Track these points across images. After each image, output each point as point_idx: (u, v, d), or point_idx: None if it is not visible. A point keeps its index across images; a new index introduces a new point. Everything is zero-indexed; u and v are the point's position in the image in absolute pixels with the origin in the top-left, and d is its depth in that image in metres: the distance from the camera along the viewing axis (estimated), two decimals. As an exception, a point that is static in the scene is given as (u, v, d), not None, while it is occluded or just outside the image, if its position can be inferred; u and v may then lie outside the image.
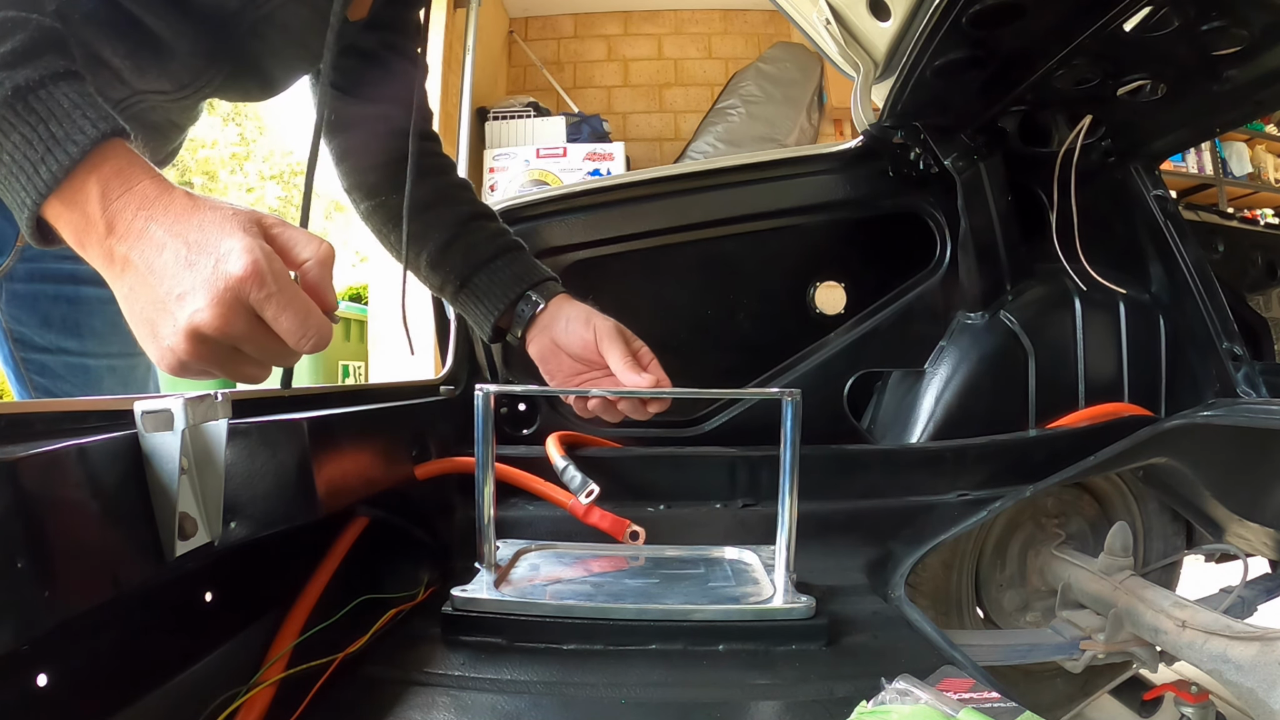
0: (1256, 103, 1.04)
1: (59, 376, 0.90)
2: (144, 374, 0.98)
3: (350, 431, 0.65)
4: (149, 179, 0.46)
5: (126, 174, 0.46)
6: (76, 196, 0.45)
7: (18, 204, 0.45)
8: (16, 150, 0.44)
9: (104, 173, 0.45)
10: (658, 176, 1.20)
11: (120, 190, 0.45)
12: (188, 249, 0.44)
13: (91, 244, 0.46)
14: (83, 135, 0.45)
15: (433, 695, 0.57)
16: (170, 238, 0.45)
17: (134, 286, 0.46)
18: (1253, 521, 0.82)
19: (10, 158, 0.44)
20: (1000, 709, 0.51)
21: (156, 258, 0.45)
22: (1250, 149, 4.02)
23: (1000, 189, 1.13)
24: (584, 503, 0.82)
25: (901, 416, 1.14)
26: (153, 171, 0.47)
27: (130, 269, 0.46)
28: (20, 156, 0.44)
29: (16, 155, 0.44)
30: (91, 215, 0.45)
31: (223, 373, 0.48)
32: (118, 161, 0.46)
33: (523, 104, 3.58)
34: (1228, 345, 1.11)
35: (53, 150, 0.44)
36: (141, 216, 0.45)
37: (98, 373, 0.92)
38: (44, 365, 0.89)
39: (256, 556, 0.60)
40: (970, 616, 0.98)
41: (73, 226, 0.46)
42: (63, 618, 0.36)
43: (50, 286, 0.87)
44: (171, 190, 0.47)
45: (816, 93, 3.51)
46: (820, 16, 1.12)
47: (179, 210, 0.46)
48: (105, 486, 0.41)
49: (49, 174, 0.44)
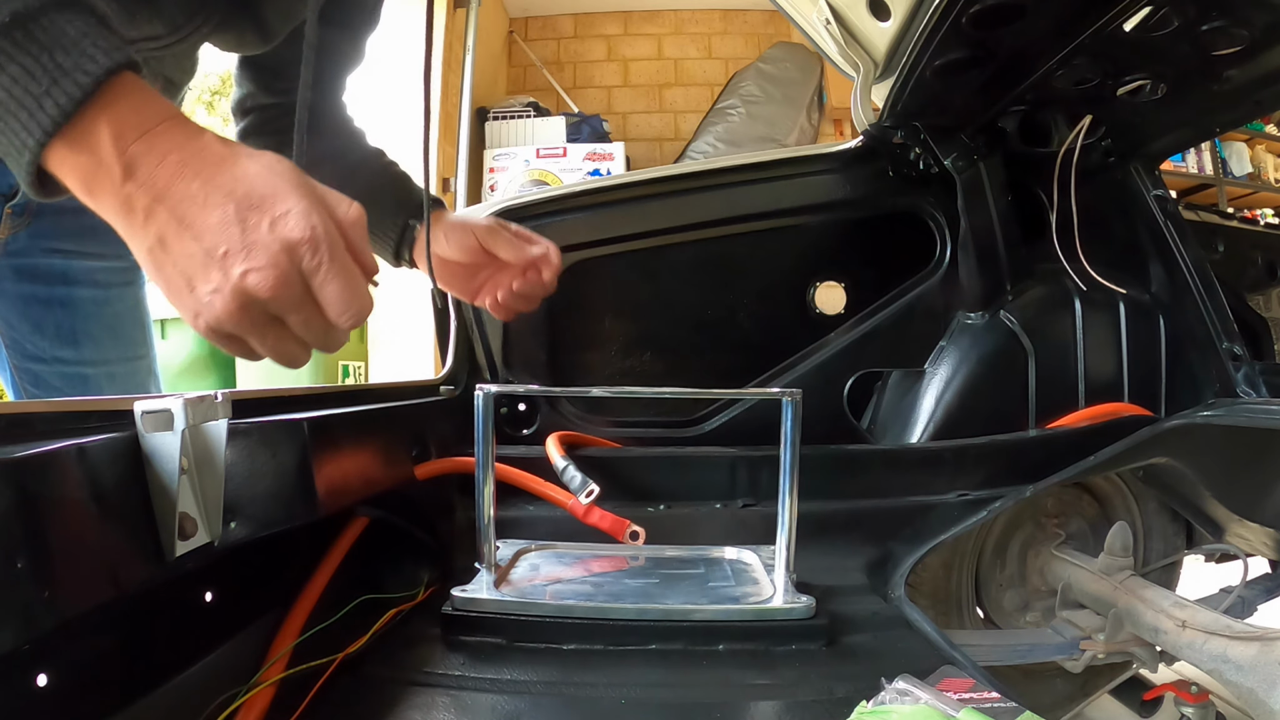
0: (1256, 103, 1.04)
1: (54, 389, 0.85)
2: (145, 377, 0.95)
3: (350, 431, 0.65)
4: (171, 118, 0.42)
5: (144, 112, 0.41)
6: (86, 138, 0.40)
7: (17, 146, 0.40)
8: (15, 84, 0.39)
9: (118, 110, 0.40)
10: (658, 176, 1.19)
11: (138, 131, 0.41)
12: (236, 205, 0.41)
13: (104, 191, 0.41)
14: (94, 65, 0.39)
15: (433, 695, 0.57)
16: (212, 190, 0.41)
17: (165, 240, 0.41)
18: (1253, 521, 0.82)
19: (7, 93, 0.39)
20: (1000, 709, 0.51)
21: (197, 212, 0.41)
22: (1250, 149, 4.02)
23: (1000, 189, 1.13)
24: (584, 503, 0.82)
25: (901, 416, 1.14)
26: (173, 109, 0.42)
27: (157, 221, 0.41)
28: (20, 91, 0.39)
29: (15, 90, 0.39)
30: (104, 159, 0.40)
31: (259, 344, 0.44)
32: (133, 98, 0.41)
33: (523, 104, 3.58)
34: (1228, 345, 1.11)
35: (59, 82, 0.39)
36: (170, 164, 0.41)
37: (96, 381, 0.88)
38: (38, 376, 0.85)
39: (256, 556, 0.60)
40: (970, 616, 0.98)
41: (80, 171, 0.41)
42: (63, 618, 0.36)
43: (41, 289, 0.82)
44: (201, 133, 0.43)
45: (816, 93, 3.51)
46: (820, 16, 1.12)
47: (215, 158, 0.42)
48: (105, 486, 0.41)
49: (55, 109, 0.39)
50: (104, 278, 0.86)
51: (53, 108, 0.39)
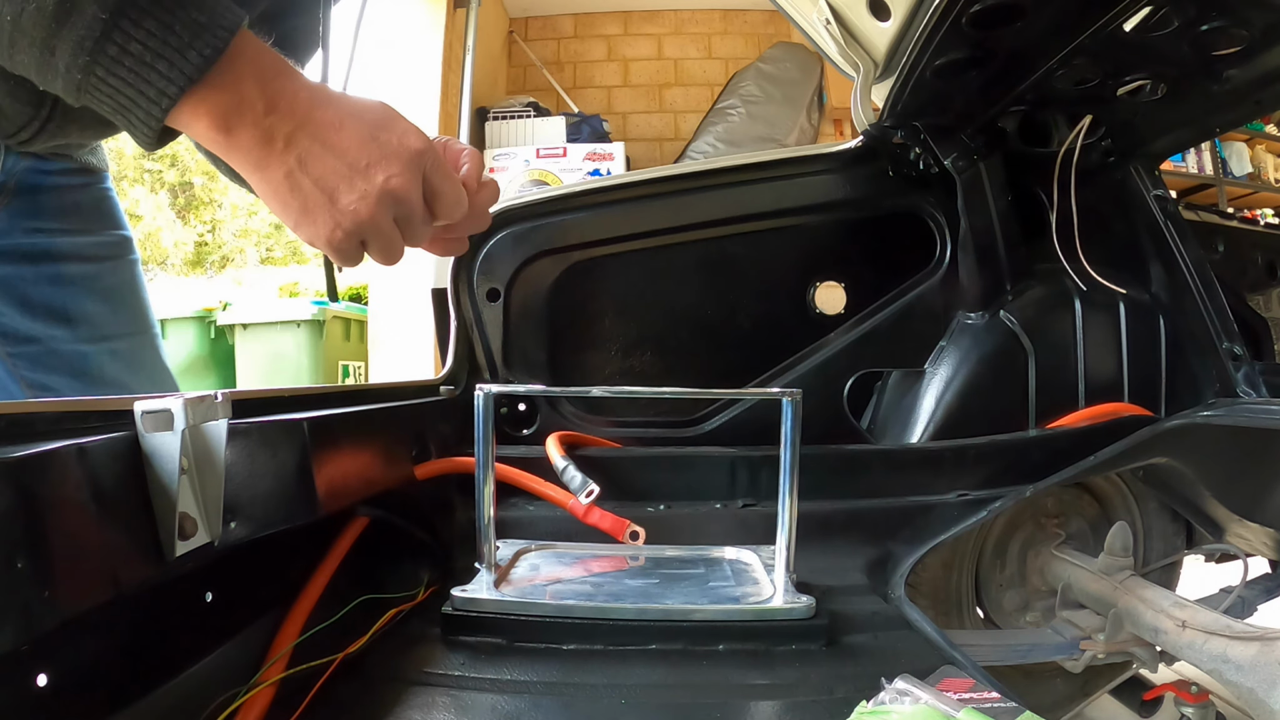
0: (1256, 103, 1.04)
1: (52, 369, 0.81)
2: (151, 353, 0.90)
3: (350, 431, 0.65)
4: (288, 64, 0.49)
5: (271, 57, 0.48)
6: (230, 80, 0.45)
7: (151, 95, 0.43)
8: (152, 37, 0.42)
9: (252, 55, 0.46)
10: (658, 176, 1.19)
11: (274, 72, 0.47)
12: (369, 127, 0.49)
13: (244, 125, 0.46)
14: (230, 17, 0.45)
15: (433, 695, 0.57)
16: (347, 117, 0.49)
17: (305, 161, 0.48)
18: (1253, 521, 0.82)
19: (143, 46, 0.42)
20: (1000, 709, 0.51)
21: (335, 135, 0.48)
22: (1250, 149, 4.03)
23: (1000, 189, 1.13)
24: (584, 503, 0.82)
25: (901, 416, 1.14)
26: (281, 57, 0.49)
27: (298, 146, 0.48)
28: (158, 44, 0.42)
29: (152, 43, 0.42)
30: (248, 95, 0.46)
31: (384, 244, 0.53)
32: (258, 47, 0.47)
33: (523, 104, 3.58)
34: (1228, 345, 1.11)
35: (201, 35, 0.43)
36: (304, 98, 0.48)
37: (98, 360, 0.84)
38: (35, 359, 0.81)
39: (256, 556, 0.60)
40: (970, 616, 0.98)
41: (220, 110, 0.46)
42: (63, 618, 0.36)
43: (27, 268, 0.79)
44: (308, 78, 0.50)
45: (816, 93, 3.51)
46: (820, 16, 1.12)
47: (336, 95, 0.50)
48: (105, 486, 0.41)
49: (199, 58, 0.43)
50: (92, 251, 0.84)
51: (196, 57, 0.43)
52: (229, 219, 7.77)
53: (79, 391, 0.82)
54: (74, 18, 0.41)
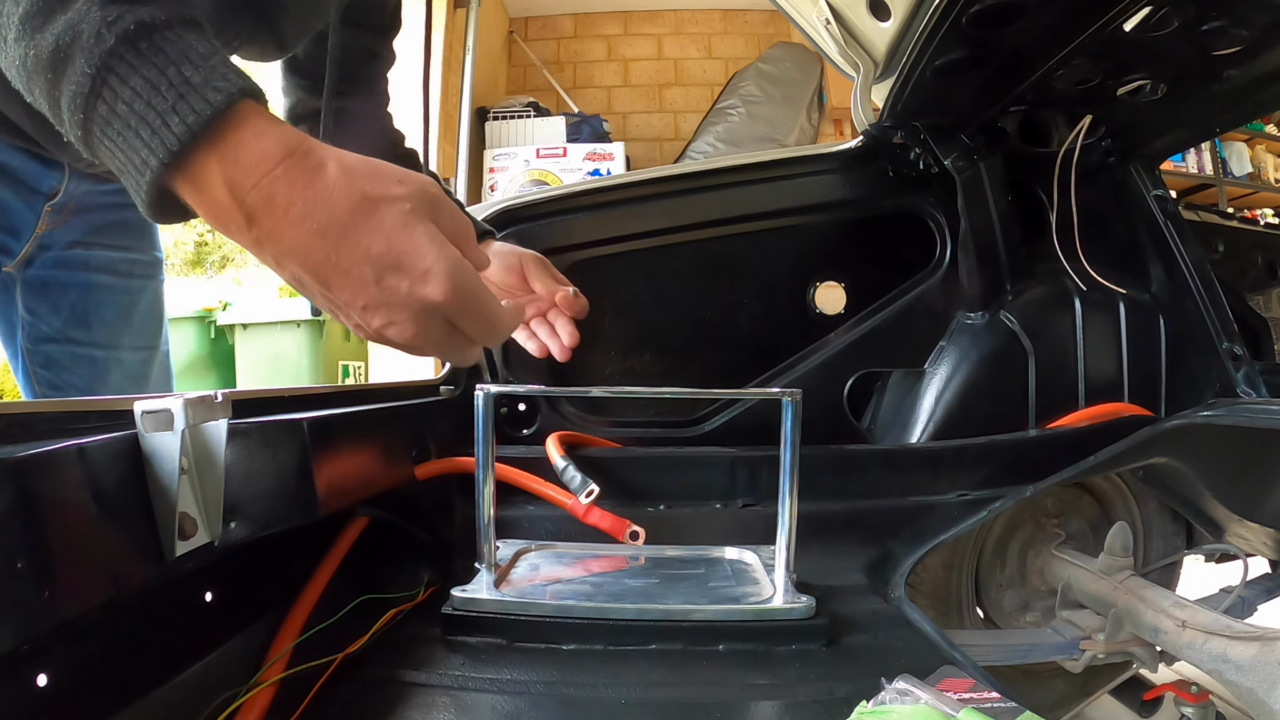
0: (1256, 103, 1.04)
1: (64, 368, 0.87)
2: (153, 368, 0.96)
3: (350, 431, 0.65)
4: (289, 156, 0.38)
5: (263, 147, 0.38)
6: (202, 177, 0.37)
7: (137, 164, 0.37)
8: (137, 97, 0.36)
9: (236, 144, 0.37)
10: (658, 176, 1.19)
11: (255, 175, 0.37)
12: (373, 267, 0.39)
13: (231, 231, 0.39)
14: (225, 82, 0.37)
15: (433, 695, 0.57)
16: (345, 252, 0.38)
17: (302, 283, 0.40)
18: (1253, 521, 0.82)
19: (128, 107, 0.36)
20: (1000, 709, 0.51)
21: (330, 273, 0.39)
22: (1250, 149, 4.02)
23: (1000, 189, 1.13)
24: (584, 503, 0.82)
25: (901, 416, 1.14)
26: (293, 139, 0.38)
27: (289, 270, 0.40)
28: (143, 105, 0.36)
29: (137, 104, 0.36)
30: (222, 202, 0.37)
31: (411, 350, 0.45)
32: (255, 126, 0.38)
33: (523, 104, 3.58)
34: (1228, 345, 1.11)
35: (186, 97, 0.36)
36: (294, 217, 0.38)
37: (104, 365, 0.89)
38: (49, 357, 0.87)
39: (256, 556, 0.60)
40: (970, 616, 0.98)
41: (202, 206, 0.39)
42: (63, 618, 0.36)
43: (62, 273, 0.85)
44: (322, 170, 0.39)
45: (816, 93, 3.51)
46: (820, 16, 1.12)
47: (344, 209, 0.38)
48: (105, 486, 0.41)
49: (181, 126, 0.36)
50: (124, 268, 0.90)
51: (179, 125, 0.36)
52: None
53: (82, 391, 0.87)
54: (68, 70, 0.36)
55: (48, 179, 0.78)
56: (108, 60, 0.36)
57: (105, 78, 0.36)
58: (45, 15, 0.36)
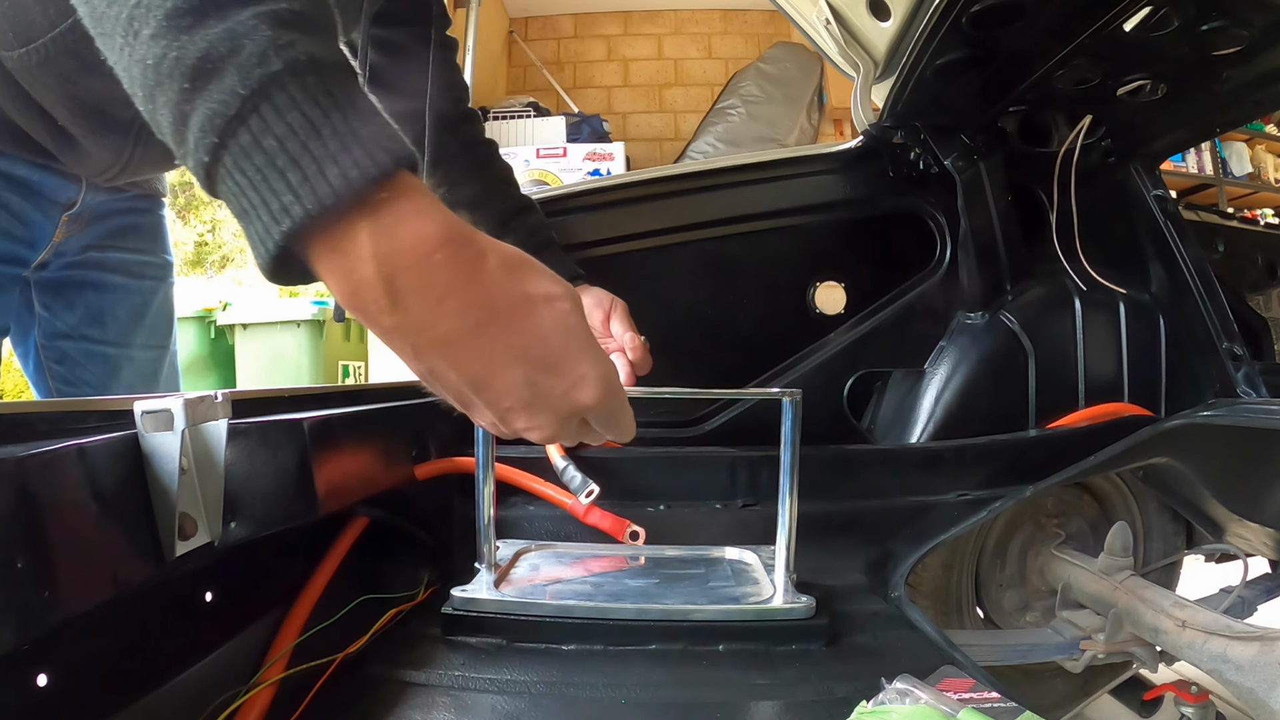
0: (1256, 103, 1.04)
1: (77, 364, 0.90)
2: (162, 367, 0.99)
3: (350, 431, 0.65)
4: (449, 242, 0.34)
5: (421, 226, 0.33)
6: (345, 239, 0.32)
7: (272, 211, 0.32)
8: (292, 136, 0.31)
9: (392, 219, 0.33)
10: (658, 176, 1.19)
11: (412, 255, 0.33)
12: (527, 369, 0.37)
13: (366, 309, 0.34)
14: (393, 144, 0.33)
15: (433, 695, 0.57)
16: (500, 351, 0.36)
17: (437, 373, 0.37)
18: (1253, 521, 0.82)
19: (278, 143, 0.31)
20: (1000, 709, 0.51)
21: (481, 370, 0.36)
22: (1250, 149, 4.02)
23: (1000, 189, 1.13)
24: (584, 503, 0.82)
25: (901, 416, 1.14)
26: (452, 223, 0.35)
27: (428, 361, 0.36)
28: (297, 146, 0.31)
29: (290, 143, 0.31)
30: (367, 276, 0.33)
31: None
32: (413, 201, 0.33)
33: (523, 104, 3.58)
34: (1228, 345, 1.11)
35: (350, 150, 0.31)
36: (450, 310, 0.34)
37: (116, 362, 0.93)
38: (63, 353, 0.90)
39: (256, 556, 0.60)
40: (970, 616, 0.98)
41: (338, 277, 0.33)
42: (63, 618, 0.36)
43: (78, 273, 0.88)
44: (483, 261, 0.35)
45: (816, 93, 3.51)
46: (820, 16, 1.12)
47: (504, 306, 0.36)
48: (105, 486, 0.41)
49: (340, 179, 0.31)
50: (137, 270, 0.93)
51: (338, 179, 0.31)
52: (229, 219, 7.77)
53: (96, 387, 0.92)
54: (211, 84, 0.31)
55: (65, 191, 0.81)
56: (267, 86, 0.31)
57: (259, 104, 0.31)
58: (198, 16, 0.31)
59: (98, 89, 0.73)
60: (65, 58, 0.69)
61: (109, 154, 0.80)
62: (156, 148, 0.82)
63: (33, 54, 0.69)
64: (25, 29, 0.68)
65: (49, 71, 0.70)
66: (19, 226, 0.80)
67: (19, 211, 0.79)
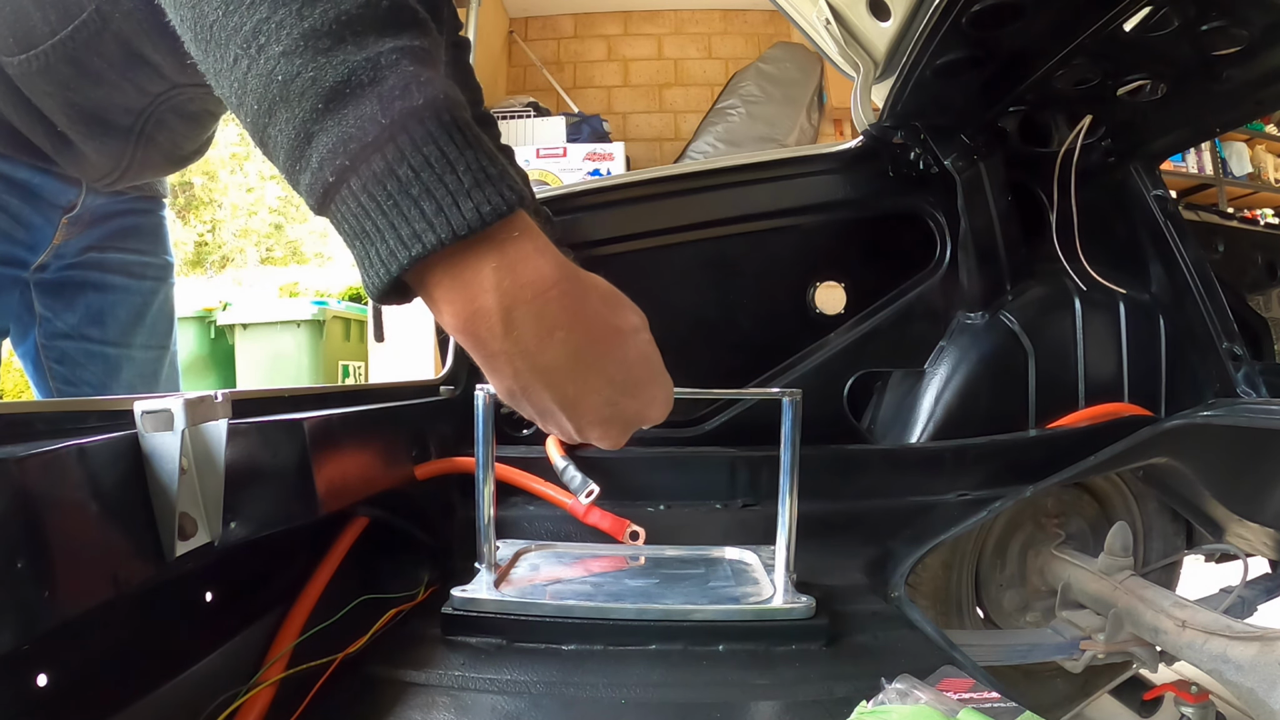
0: (1256, 103, 1.04)
1: (78, 364, 0.91)
2: (163, 367, 1.00)
3: (350, 431, 0.65)
4: (563, 280, 0.37)
5: (538, 265, 0.36)
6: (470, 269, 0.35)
7: (404, 236, 0.33)
8: (428, 168, 0.33)
9: (514, 255, 0.35)
10: (658, 176, 1.19)
11: (531, 290, 0.36)
12: (612, 390, 0.40)
13: (478, 334, 0.37)
14: (518, 187, 0.35)
15: (433, 695, 0.57)
16: (592, 375, 0.39)
17: (527, 390, 0.39)
18: (1253, 521, 0.82)
19: (413, 173, 0.33)
20: (1000, 709, 0.51)
21: (569, 388, 0.39)
22: (1250, 149, 4.02)
23: (1000, 189, 1.13)
24: (584, 503, 0.82)
25: (901, 416, 1.14)
26: (561, 261, 0.38)
27: (522, 380, 0.38)
28: (432, 177, 0.33)
29: (425, 174, 0.33)
30: (486, 306, 0.35)
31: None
32: (531, 242, 0.36)
33: (523, 104, 3.58)
34: (1228, 345, 1.11)
35: (482, 188, 0.33)
36: (557, 341, 0.37)
37: (116, 362, 0.94)
38: (63, 352, 0.91)
39: (256, 556, 0.60)
40: (970, 616, 0.98)
41: (459, 298, 0.36)
42: (63, 618, 0.36)
43: (78, 274, 0.89)
44: (587, 295, 0.39)
45: (816, 93, 3.51)
46: (820, 16, 1.12)
47: (603, 337, 0.39)
48: (105, 486, 0.41)
49: (474, 213, 0.33)
50: (137, 270, 0.94)
51: (471, 210, 0.33)
52: (229, 219, 7.77)
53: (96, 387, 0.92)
54: (348, 108, 0.33)
55: (65, 194, 0.82)
56: (407, 118, 0.33)
57: (396, 134, 0.33)
58: (336, 40, 0.33)
59: (97, 96, 0.73)
60: (65, 65, 0.70)
61: (108, 159, 0.80)
62: (156, 153, 0.83)
63: (33, 60, 0.70)
64: (26, 35, 0.69)
65: (49, 78, 0.71)
66: (19, 229, 0.80)
67: (19, 214, 0.79)
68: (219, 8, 0.33)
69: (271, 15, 0.33)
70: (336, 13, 0.33)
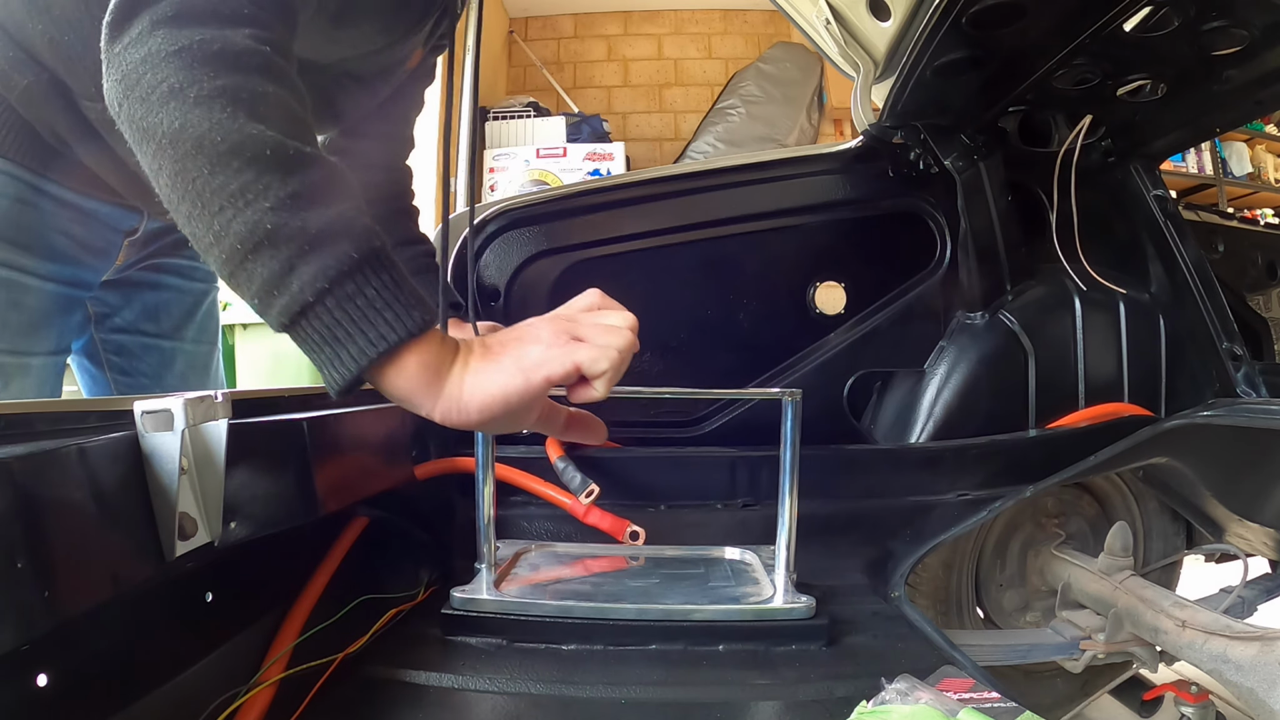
0: (1256, 103, 1.04)
1: (134, 356, 0.97)
2: (210, 361, 1.06)
3: (350, 431, 0.65)
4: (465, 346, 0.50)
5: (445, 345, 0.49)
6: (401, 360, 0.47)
7: (372, 337, 0.45)
8: (386, 289, 0.45)
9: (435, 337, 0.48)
10: (658, 176, 1.20)
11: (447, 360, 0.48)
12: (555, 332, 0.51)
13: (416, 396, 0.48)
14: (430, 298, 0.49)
15: (433, 695, 0.57)
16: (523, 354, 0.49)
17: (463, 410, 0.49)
18: (1253, 521, 0.82)
19: (377, 293, 0.45)
20: (1000, 709, 0.51)
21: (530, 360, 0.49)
22: (1250, 149, 4.02)
23: (1000, 189, 1.13)
24: (584, 503, 0.82)
25: (901, 416, 1.14)
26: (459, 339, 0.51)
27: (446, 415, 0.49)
28: (390, 296, 0.45)
29: (385, 294, 0.45)
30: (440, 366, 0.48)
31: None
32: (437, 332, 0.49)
33: (523, 104, 3.58)
34: (1228, 345, 1.11)
35: (421, 304, 0.46)
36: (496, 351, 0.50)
37: (170, 354, 1.00)
38: (121, 345, 0.96)
39: (256, 556, 0.60)
40: (970, 616, 0.98)
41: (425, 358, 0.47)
42: (63, 618, 0.36)
43: (135, 273, 0.94)
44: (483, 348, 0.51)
45: (816, 93, 3.50)
46: (820, 16, 1.12)
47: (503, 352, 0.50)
48: (105, 486, 0.41)
49: (422, 319, 0.46)
50: (188, 272, 1.00)
51: (420, 317, 0.46)
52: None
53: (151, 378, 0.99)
54: (326, 248, 0.44)
55: (129, 220, 0.87)
56: (369, 254, 0.45)
57: (362, 265, 0.45)
58: (312, 201, 0.44)
59: None
60: None
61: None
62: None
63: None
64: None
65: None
66: (86, 254, 0.84)
67: (86, 241, 0.83)
68: (204, 168, 0.43)
69: (258, 180, 0.43)
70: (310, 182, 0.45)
